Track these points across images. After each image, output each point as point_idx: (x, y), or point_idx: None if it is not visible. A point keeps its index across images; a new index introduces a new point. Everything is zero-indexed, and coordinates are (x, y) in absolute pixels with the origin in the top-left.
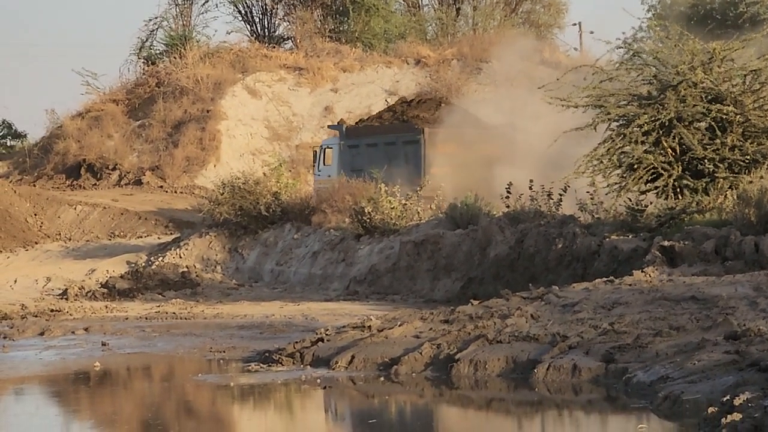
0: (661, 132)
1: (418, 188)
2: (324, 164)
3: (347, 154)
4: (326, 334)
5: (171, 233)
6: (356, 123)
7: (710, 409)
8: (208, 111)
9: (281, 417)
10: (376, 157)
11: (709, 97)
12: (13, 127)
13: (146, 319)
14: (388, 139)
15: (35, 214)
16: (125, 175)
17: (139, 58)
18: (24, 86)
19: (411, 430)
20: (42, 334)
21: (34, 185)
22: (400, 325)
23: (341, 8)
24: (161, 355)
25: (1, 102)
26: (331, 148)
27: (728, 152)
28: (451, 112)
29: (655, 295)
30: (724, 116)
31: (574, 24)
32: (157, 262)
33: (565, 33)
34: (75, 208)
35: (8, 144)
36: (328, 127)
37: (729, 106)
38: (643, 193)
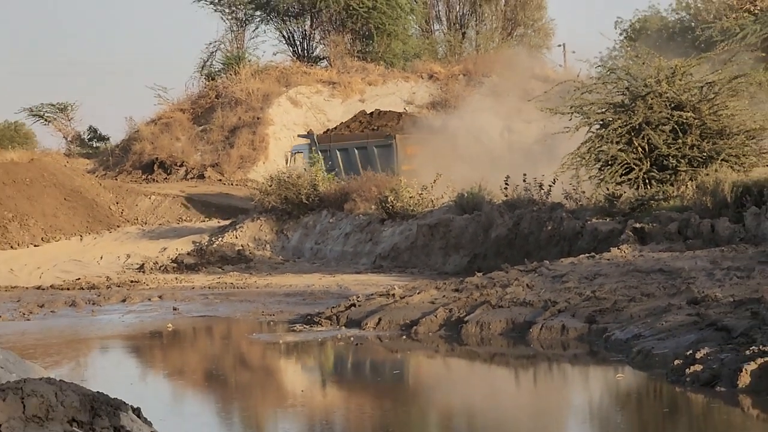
0: (632, 134)
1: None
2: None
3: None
4: (357, 301)
5: (228, 218)
6: (324, 132)
7: (676, 362)
8: (258, 118)
9: (321, 368)
10: (348, 160)
11: (672, 105)
12: (99, 132)
13: (209, 288)
14: (359, 145)
15: (117, 203)
16: (190, 171)
17: (201, 75)
18: (108, 98)
19: (428, 379)
20: (124, 301)
21: (116, 179)
22: (418, 293)
23: (367, 33)
24: (222, 317)
25: (89, 111)
26: (301, 152)
27: (688, 150)
28: (413, 121)
29: (629, 267)
30: (685, 121)
31: (560, 45)
32: (217, 242)
33: (552, 52)
34: (149, 198)
35: (94, 145)
36: (298, 135)
37: (689, 112)
38: (618, 184)
